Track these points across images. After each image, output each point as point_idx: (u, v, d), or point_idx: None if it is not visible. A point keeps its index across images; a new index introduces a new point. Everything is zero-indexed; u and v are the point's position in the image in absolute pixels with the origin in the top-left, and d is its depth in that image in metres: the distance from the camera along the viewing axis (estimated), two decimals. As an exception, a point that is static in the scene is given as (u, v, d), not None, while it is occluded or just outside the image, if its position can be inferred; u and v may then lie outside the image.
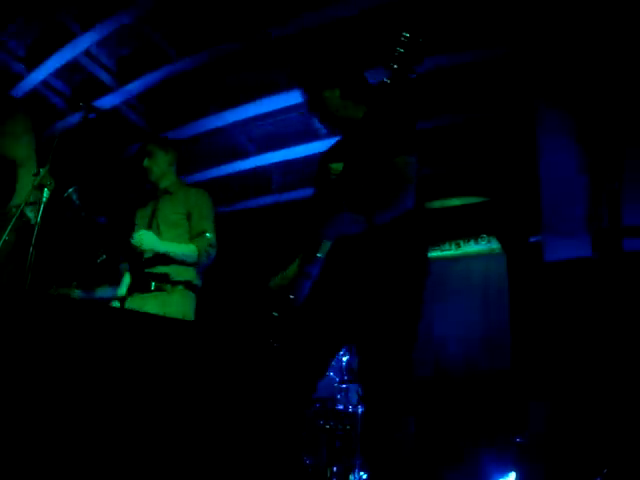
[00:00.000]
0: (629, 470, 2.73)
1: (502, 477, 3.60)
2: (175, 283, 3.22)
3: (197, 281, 3.32)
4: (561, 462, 3.04)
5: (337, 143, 2.55)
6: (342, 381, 4.11)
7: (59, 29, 4.56)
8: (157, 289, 3.20)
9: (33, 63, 4.89)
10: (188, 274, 3.26)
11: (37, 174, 2.82)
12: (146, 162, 3.43)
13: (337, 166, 2.31)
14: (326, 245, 2.13)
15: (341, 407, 4.02)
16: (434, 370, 5.00)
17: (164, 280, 3.20)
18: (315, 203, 2.45)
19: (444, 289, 5.17)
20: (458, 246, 5.41)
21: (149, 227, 3.31)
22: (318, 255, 2.13)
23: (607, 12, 3.50)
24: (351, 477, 3.71)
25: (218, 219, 3.43)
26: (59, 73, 5.02)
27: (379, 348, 2.12)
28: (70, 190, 3.18)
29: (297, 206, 5.46)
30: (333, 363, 4.14)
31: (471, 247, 5.35)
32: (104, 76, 4.94)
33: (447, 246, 5.43)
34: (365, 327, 2.17)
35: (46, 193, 2.77)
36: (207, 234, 3.25)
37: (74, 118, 5.22)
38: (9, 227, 2.72)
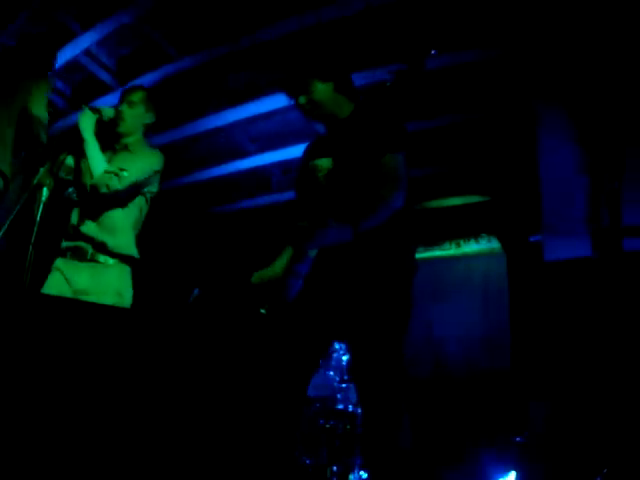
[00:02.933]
0: (629, 470, 2.73)
1: (502, 477, 3.59)
2: (113, 255, 3.01)
3: (136, 254, 3.10)
4: (561, 462, 3.04)
5: (320, 138, 2.51)
6: (342, 380, 4.11)
7: (59, 28, 4.56)
8: (92, 259, 2.99)
9: (33, 62, 4.89)
10: (128, 246, 3.07)
11: (36, 173, 2.81)
12: (123, 109, 3.10)
13: (322, 162, 2.29)
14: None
15: (341, 407, 4.02)
16: (434, 370, 5.01)
17: (101, 250, 2.99)
18: (302, 204, 2.41)
19: (444, 288, 5.17)
20: (458, 245, 5.41)
21: None
22: (308, 254, 2.13)
23: (607, 12, 3.50)
24: (351, 477, 3.71)
25: (218, 219, 3.39)
26: (59, 72, 5.01)
27: (369, 346, 2.12)
28: (70, 190, 3.18)
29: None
30: (333, 363, 4.15)
31: (471, 247, 5.36)
32: (104, 75, 4.94)
33: (447, 245, 5.43)
34: (355, 325, 2.16)
35: (45, 192, 2.76)
36: (124, 172, 2.96)
37: (74, 118, 5.22)
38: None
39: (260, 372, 2.25)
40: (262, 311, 2.19)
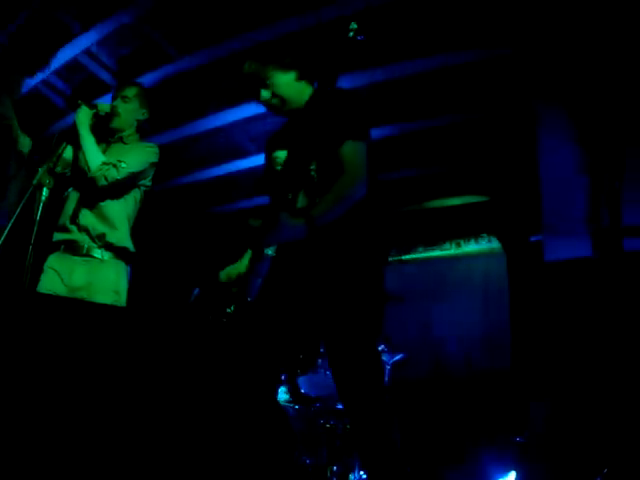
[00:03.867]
0: (629, 470, 2.73)
1: (502, 477, 3.59)
2: (109, 247, 3.00)
3: (132, 247, 3.10)
4: (561, 462, 3.04)
5: (282, 127, 2.40)
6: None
7: (59, 28, 4.56)
8: (88, 253, 2.98)
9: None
10: (124, 239, 3.06)
11: (36, 173, 2.81)
12: (117, 104, 3.11)
13: (282, 154, 2.22)
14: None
15: (341, 406, 4.02)
16: (434, 370, 5.00)
17: (98, 241, 2.98)
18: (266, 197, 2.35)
19: (444, 288, 5.18)
20: (458, 245, 5.41)
21: None
22: (266, 252, 2.11)
23: (607, 12, 3.50)
24: (351, 477, 3.71)
25: (218, 219, 3.39)
26: (59, 72, 5.02)
27: (340, 339, 2.04)
28: (69, 189, 3.18)
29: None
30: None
31: (471, 246, 5.36)
32: (104, 75, 4.94)
33: (447, 245, 5.43)
34: (324, 318, 2.09)
35: (45, 192, 2.76)
36: (122, 164, 2.97)
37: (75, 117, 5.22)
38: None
39: (225, 366, 2.20)
40: (228, 310, 2.18)
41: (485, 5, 3.74)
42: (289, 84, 2.23)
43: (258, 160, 5.65)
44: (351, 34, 2.01)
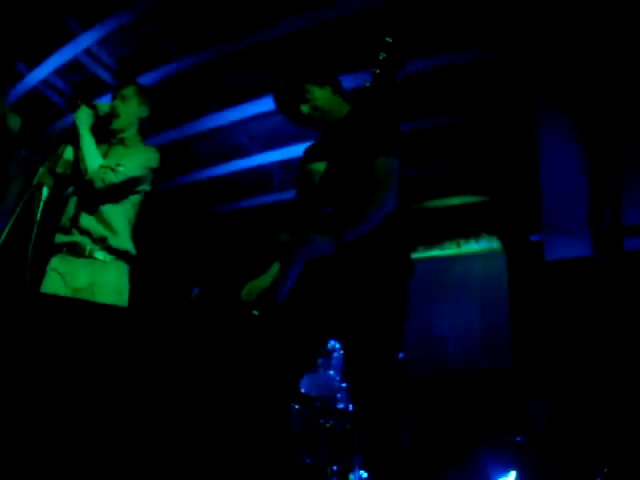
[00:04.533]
0: (629, 470, 2.73)
1: (502, 477, 3.59)
2: (111, 251, 2.99)
3: (133, 250, 3.09)
4: (561, 461, 3.04)
5: (318, 142, 2.47)
6: (342, 380, 4.11)
7: (60, 28, 4.57)
8: (90, 255, 2.96)
9: (34, 62, 4.89)
10: (125, 242, 3.05)
11: (36, 173, 2.80)
12: (116, 104, 3.08)
13: (318, 166, 2.25)
14: None
15: (341, 406, 4.02)
16: (434, 370, 5.00)
17: (100, 244, 2.97)
18: (297, 209, 2.37)
19: (444, 288, 5.17)
20: (458, 245, 5.41)
21: None
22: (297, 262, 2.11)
23: (608, 12, 3.50)
24: (351, 476, 3.71)
25: (219, 218, 3.37)
26: (60, 72, 5.02)
27: (361, 347, 2.09)
28: (69, 189, 3.17)
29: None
30: (333, 363, 4.15)
31: (471, 246, 5.36)
32: (105, 75, 4.94)
33: (447, 245, 5.43)
34: (350, 326, 2.13)
35: (45, 192, 2.75)
36: (120, 167, 2.95)
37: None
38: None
39: (251, 372, 2.23)
40: (255, 313, 2.18)
41: (487, 5, 3.74)
42: (327, 97, 2.32)
43: (259, 159, 5.66)
44: (383, 55, 2.05)
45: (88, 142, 2.97)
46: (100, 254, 2.99)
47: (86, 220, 3.01)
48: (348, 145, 2.15)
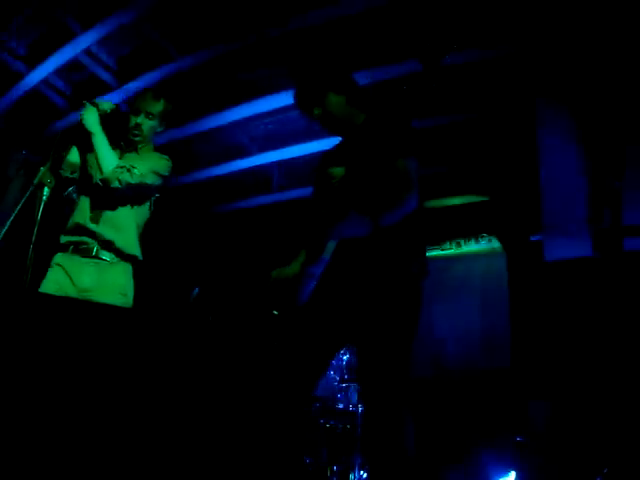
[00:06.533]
0: (629, 470, 2.73)
1: (502, 477, 3.59)
2: (118, 254, 3.00)
3: (140, 255, 3.10)
4: (561, 461, 3.04)
5: (336, 147, 2.55)
6: (342, 380, 4.11)
7: (60, 28, 4.56)
8: (97, 255, 2.96)
9: (34, 62, 4.89)
10: (133, 246, 3.06)
11: (37, 172, 2.79)
12: (141, 121, 3.07)
13: (338, 171, 2.31)
14: (331, 246, 2.14)
15: (341, 406, 4.02)
16: (434, 370, 5.00)
17: (107, 247, 2.98)
18: (317, 206, 2.43)
19: (444, 288, 5.17)
20: (459, 245, 5.40)
21: None
22: (323, 256, 2.13)
23: (608, 12, 3.50)
24: (351, 476, 3.71)
25: (219, 218, 3.38)
26: (60, 72, 5.01)
27: (378, 349, 2.12)
28: (70, 189, 3.17)
29: (298, 205, 5.46)
30: (333, 362, 4.15)
31: (472, 246, 5.35)
32: (105, 75, 4.94)
33: (447, 245, 5.43)
34: (365, 328, 2.17)
35: (46, 191, 2.75)
36: (135, 170, 2.97)
37: (75, 117, 5.21)
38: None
39: (266, 373, 2.25)
40: (275, 312, 2.20)
41: (487, 5, 3.74)
42: (340, 105, 2.41)
43: (259, 159, 5.66)
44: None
45: (102, 142, 2.96)
46: (107, 255, 2.99)
47: (95, 223, 3.01)
48: (368, 149, 2.24)
